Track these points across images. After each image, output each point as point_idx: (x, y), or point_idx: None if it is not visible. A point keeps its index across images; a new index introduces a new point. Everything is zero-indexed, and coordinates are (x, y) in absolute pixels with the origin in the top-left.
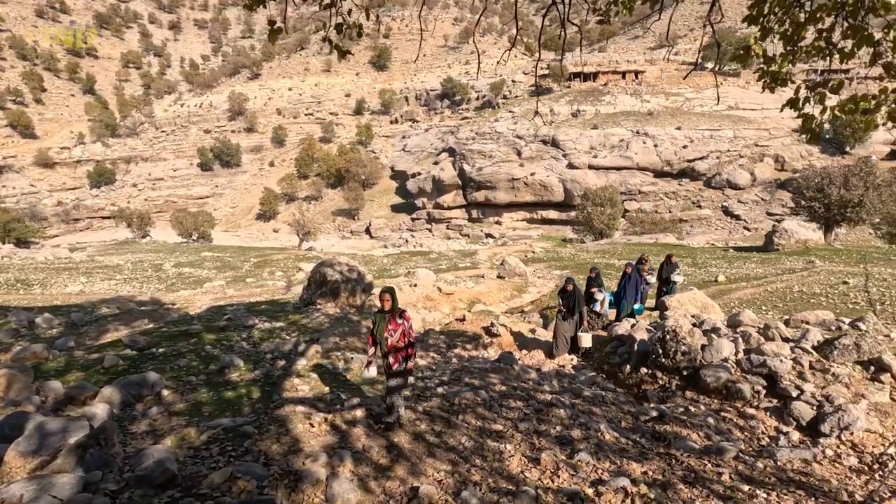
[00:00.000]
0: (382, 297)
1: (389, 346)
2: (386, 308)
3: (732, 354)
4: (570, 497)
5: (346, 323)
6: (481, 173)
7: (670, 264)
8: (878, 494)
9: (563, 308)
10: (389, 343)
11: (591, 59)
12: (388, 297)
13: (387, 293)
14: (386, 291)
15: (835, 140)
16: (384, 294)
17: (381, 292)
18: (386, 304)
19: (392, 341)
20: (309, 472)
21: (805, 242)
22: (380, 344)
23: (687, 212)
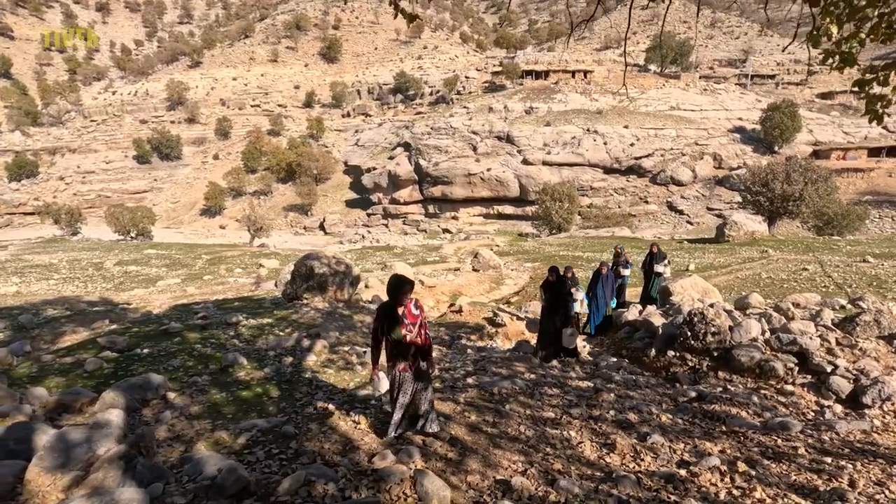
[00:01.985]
0: (402, 290)
1: (410, 342)
2: (406, 301)
3: (760, 334)
4: (667, 479)
5: (339, 318)
6: (437, 168)
7: (656, 255)
8: None
9: (545, 303)
10: (408, 339)
11: (542, 59)
12: (409, 289)
13: (407, 285)
14: (406, 283)
15: (765, 140)
16: (404, 286)
17: (396, 285)
18: (408, 299)
19: (411, 338)
20: (391, 471)
21: (752, 234)
22: (394, 345)
23: (635, 207)
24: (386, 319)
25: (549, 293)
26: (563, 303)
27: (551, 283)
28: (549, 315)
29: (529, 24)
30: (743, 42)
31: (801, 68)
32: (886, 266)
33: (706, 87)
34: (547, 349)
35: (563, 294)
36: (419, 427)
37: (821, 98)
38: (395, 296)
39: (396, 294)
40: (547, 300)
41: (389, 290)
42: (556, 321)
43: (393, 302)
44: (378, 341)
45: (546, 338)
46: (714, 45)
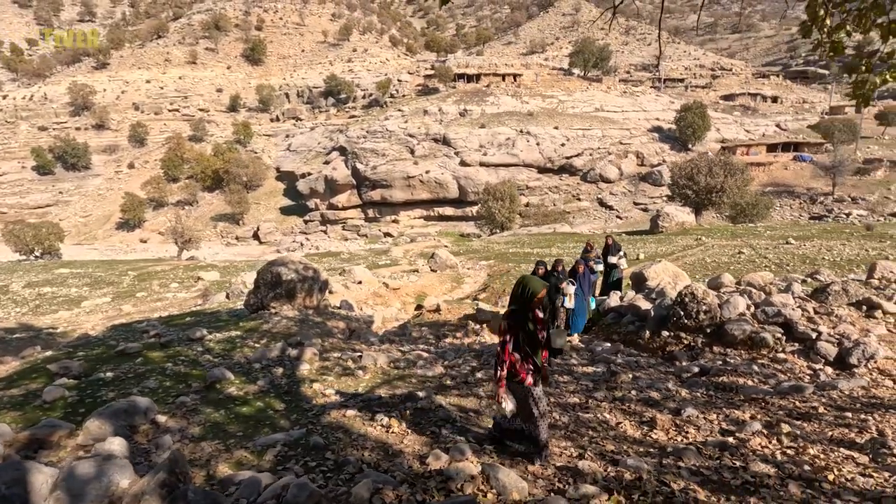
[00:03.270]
0: (539, 294)
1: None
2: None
3: (746, 309)
4: (721, 447)
5: (314, 325)
6: (376, 172)
7: (612, 246)
8: None
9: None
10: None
11: (473, 62)
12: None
13: (543, 288)
14: (542, 286)
15: (680, 138)
16: (541, 289)
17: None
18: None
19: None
20: (458, 469)
21: (683, 224)
22: (536, 352)
23: (569, 204)
24: (521, 329)
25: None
26: (552, 300)
27: (540, 278)
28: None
29: (457, 28)
30: (654, 48)
31: (705, 72)
32: (808, 246)
33: (626, 90)
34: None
35: (551, 290)
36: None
37: (724, 100)
38: (531, 300)
39: (532, 298)
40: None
41: (522, 294)
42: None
43: (527, 307)
44: (507, 353)
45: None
46: (629, 50)
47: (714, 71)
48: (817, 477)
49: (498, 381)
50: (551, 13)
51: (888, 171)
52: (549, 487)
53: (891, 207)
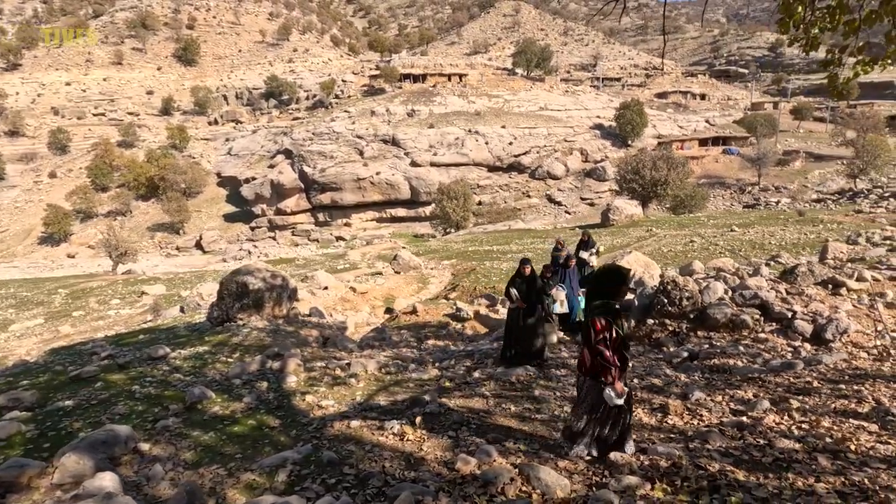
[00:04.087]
0: (626, 285)
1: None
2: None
3: (724, 293)
4: (740, 427)
5: (286, 335)
6: (325, 175)
7: (587, 242)
8: None
9: (515, 300)
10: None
11: (418, 62)
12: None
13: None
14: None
15: (620, 135)
16: (627, 280)
17: (622, 277)
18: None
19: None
20: (496, 471)
21: (632, 217)
22: (624, 348)
23: (520, 201)
24: (616, 321)
25: (525, 289)
26: (539, 299)
27: (526, 278)
28: (523, 313)
29: (399, 28)
30: (592, 49)
31: (639, 72)
32: (752, 232)
33: (567, 90)
34: (516, 350)
35: (538, 290)
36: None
37: (658, 98)
38: (618, 292)
39: (619, 289)
40: (522, 297)
41: (607, 285)
42: (530, 320)
43: (615, 300)
44: (608, 347)
45: (516, 338)
46: (568, 51)
47: (647, 70)
48: (841, 448)
49: (614, 381)
50: (492, 14)
51: (805, 161)
52: (588, 482)
53: (809, 195)
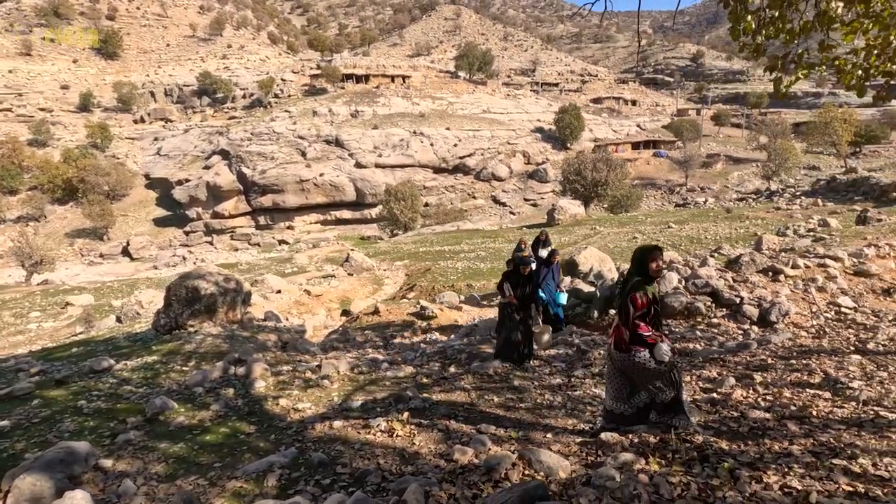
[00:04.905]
0: (658, 259)
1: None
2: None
3: (679, 282)
4: (712, 403)
5: (243, 340)
6: (265, 176)
7: (544, 241)
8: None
9: (509, 297)
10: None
11: (361, 63)
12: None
13: (657, 250)
14: (654, 248)
15: (559, 138)
16: (655, 251)
17: (653, 253)
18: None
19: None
20: (497, 457)
21: (575, 216)
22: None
23: (465, 202)
24: (653, 301)
25: (520, 288)
26: (534, 300)
27: (522, 277)
28: (517, 313)
29: (340, 28)
30: (531, 54)
31: (575, 77)
32: (688, 229)
33: (509, 93)
34: (513, 353)
35: (534, 290)
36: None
37: (593, 103)
38: (647, 267)
39: (647, 263)
40: (517, 296)
41: (640, 263)
42: (525, 321)
43: (654, 276)
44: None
45: (511, 341)
46: (508, 56)
47: (583, 76)
48: (804, 414)
49: (654, 341)
50: (434, 17)
51: (725, 163)
52: (584, 462)
53: (730, 194)
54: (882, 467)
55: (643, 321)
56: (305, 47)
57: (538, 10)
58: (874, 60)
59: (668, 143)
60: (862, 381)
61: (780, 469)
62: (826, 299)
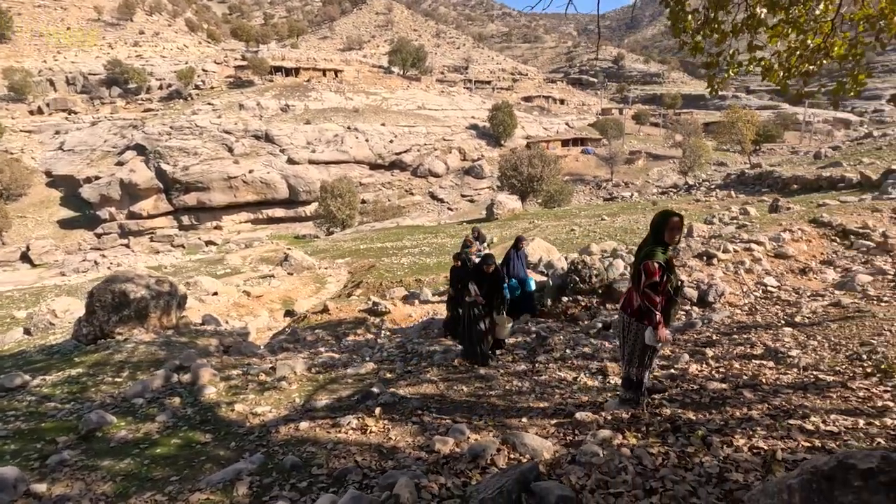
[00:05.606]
0: (672, 223)
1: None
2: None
3: (625, 269)
4: (671, 378)
5: (181, 346)
6: (188, 173)
7: (475, 237)
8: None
9: (476, 297)
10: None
11: (290, 55)
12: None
13: (675, 217)
14: (672, 215)
15: (493, 135)
16: (672, 217)
17: (669, 218)
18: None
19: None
20: (482, 445)
21: (513, 210)
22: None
23: (403, 199)
24: (666, 268)
25: (486, 287)
26: (501, 298)
27: (487, 275)
28: (482, 312)
29: (265, 17)
30: (463, 52)
31: (507, 76)
32: (620, 220)
33: (443, 90)
34: (477, 350)
35: (500, 288)
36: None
37: (524, 101)
38: (662, 234)
39: (663, 231)
40: (483, 295)
41: (655, 230)
42: (489, 320)
43: (671, 244)
44: (658, 292)
45: (479, 339)
46: (441, 53)
47: (514, 75)
48: (756, 382)
49: (658, 325)
50: (365, 10)
51: (646, 160)
52: (563, 442)
53: (652, 189)
54: (830, 423)
55: (654, 290)
56: (228, 37)
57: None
58: (794, 61)
59: (595, 141)
60: (798, 350)
61: (746, 433)
62: (754, 280)
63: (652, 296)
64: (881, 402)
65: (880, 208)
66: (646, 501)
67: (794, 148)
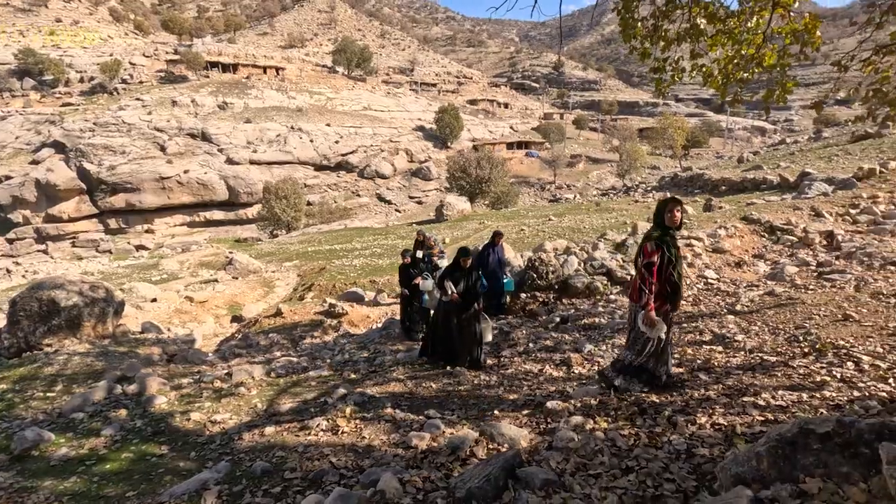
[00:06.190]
0: (675, 209)
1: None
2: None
3: (579, 265)
4: None
5: (121, 357)
6: (116, 173)
7: (421, 241)
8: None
9: (452, 296)
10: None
11: (227, 50)
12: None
13: (674, 202)
14: (672, 200)
15: (440, 137)
16: (671, 202)
17: (669, 204)
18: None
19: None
20: (461, 437)
21: (462, 211)
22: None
23: (350, 200)
24: (667, 251)
25: (463, 284)
26: (476, 295)
27: (465, 271)
28: (457, 313)
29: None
30: (409, 54)
31: (452, 79)
32: (567, 220)
33: (389, 91)
34: (442, 349)
35: (476, 286)
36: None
37: (470, 104)
38: (662, 215)
39: (663, 212)
40: (460, 294)
41: (657, 214)
42: (472, 320)
43: (665, 226)
44: (654, 275)
45: (441, 337)
46: (386, 54)
47: (459, 78)
48: (709, 366)
49: (646, 306)
50: (307, 8)
51: (586, 163)
52: (537, 430)
53: (592, 191)
54: (779, 399)
55: (649, 270)
56: (158, 29)
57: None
58: (731, 69)
59: (538, 145)
60: (743, 335)
61: (706, 411)
62: (696, 273)
63: (645, 275)
64: (819, 378)
65: (801, 206)
66: (624, 480)
67: (718, 153)
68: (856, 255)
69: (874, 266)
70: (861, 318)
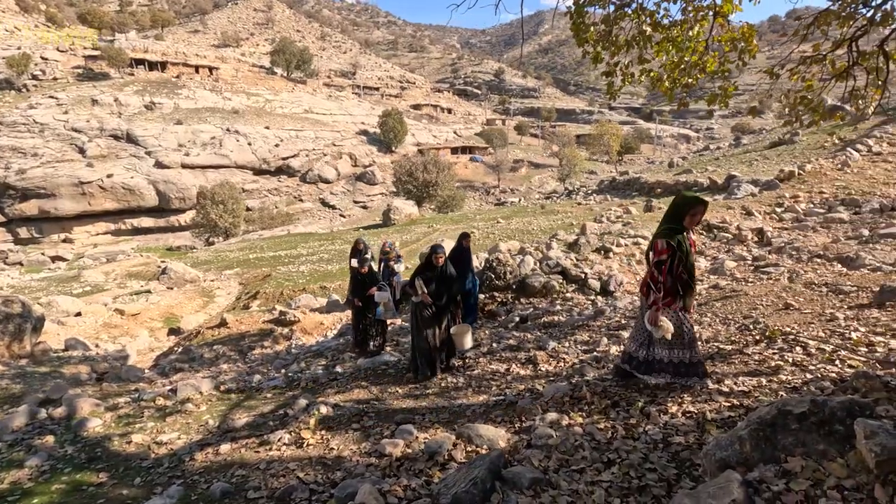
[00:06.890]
0: (696, 209)
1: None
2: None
3: (535, 265)
4: (597, 360)
5: (41, 377)
6: (26, 178)
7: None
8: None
9: (422, 295)
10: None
11: (154, 47)
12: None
13: (701, 204)
14: (701, 202)
15: (384, 141)
16: (698, 205)
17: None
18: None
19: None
20: (438, 441)
21: (410, 215)
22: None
23: (292, 206)
24: (679, 249)
25: (436, 284)
26: (452, 297)
27: (438, 270)
28: (434, 316)
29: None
30: (350, 57)
31: (395, 83)
32: (514, 223)
33: (331, 94)
34: (434, 367)
35: (450, 286)
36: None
37: (413, 109)
38: (682, 217)
39: (685, 214)
40: (431, 294)
41: (675, 211)
42: (444, 324)
43: (688, 225)
44: (664, 274)
45: (429, 348)
46: (327, 56)
47: (402, 83)
48: None
49: (653, 304)
50: (242, 6)
51: (528, 168)
52: (513, 429)
53: (535, 195)
54: (740, 384)
55: (659, 268)
56: (75, 22)
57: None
58: (676, 74)
59: (482, 149)
60: (697, 327)
61: (676, 400)
62: (643, 269)
63: (655, 273)
64: (773, 363)
65: (733, 206)
66: (607, 473)
67: (649, 158)
68: (785, 250)
69: (802, 259)
70: (800, 306)
